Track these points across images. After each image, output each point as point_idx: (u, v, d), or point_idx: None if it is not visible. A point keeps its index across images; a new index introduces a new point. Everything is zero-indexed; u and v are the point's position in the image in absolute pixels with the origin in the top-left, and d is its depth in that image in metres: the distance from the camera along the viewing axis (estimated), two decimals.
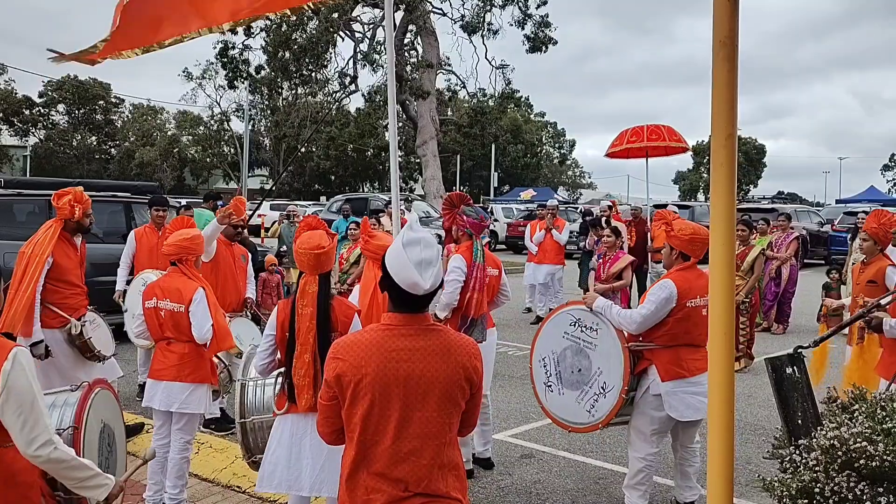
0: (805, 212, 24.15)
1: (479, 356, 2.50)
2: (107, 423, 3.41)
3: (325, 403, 2.49)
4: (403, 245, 2.38)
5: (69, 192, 5.13)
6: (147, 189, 10.44)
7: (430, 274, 2.35)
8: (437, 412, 2.38)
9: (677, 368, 4.17)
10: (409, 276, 2.33)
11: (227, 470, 5.17)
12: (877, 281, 5.39)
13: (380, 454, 2.37)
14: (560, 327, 4.60)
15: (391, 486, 2.36)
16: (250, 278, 6.74)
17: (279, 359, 3.79)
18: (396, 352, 2.35)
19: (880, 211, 5.72)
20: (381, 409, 2.35)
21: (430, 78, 25.89)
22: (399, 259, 2.36)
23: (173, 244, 4.56)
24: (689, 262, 4.32)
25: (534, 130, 61.55)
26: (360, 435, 2.38)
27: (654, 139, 10.96)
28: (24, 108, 50.71)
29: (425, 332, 2.40)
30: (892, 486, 2.21)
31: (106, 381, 3.60)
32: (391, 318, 2.42)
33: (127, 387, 7.17)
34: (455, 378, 2.39)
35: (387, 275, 2.40)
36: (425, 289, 2.35)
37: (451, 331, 2.51)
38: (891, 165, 74.86)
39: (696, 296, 4.19)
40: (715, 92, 2.13)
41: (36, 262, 4.93)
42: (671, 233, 4.35)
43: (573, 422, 4.51)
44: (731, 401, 2.20)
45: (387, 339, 2.37)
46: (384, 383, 2.34)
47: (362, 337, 2.42)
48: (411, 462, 2.36)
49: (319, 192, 51.75)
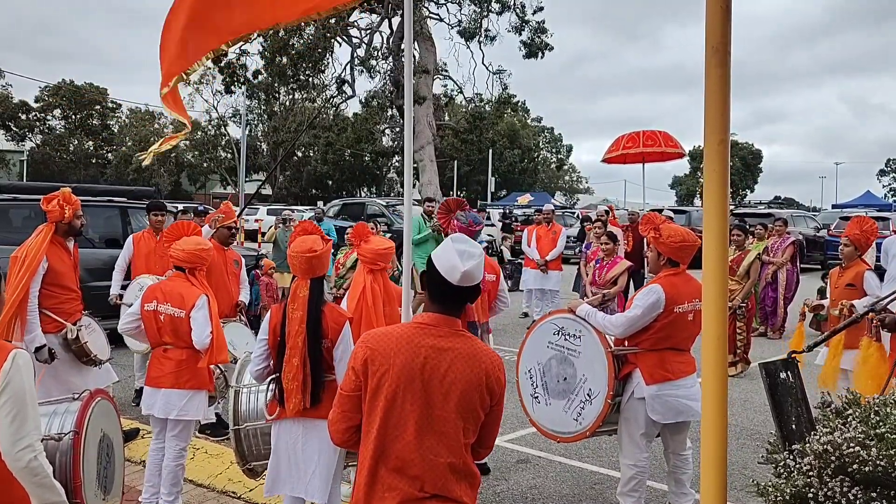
0: (801, 216, 24.21)
1: (502, 368, 2.55)
2: (106, 434, 3.42)
3: (347, 394, 2.51)
4: (452, 241, 2.52)
5: (57, 194, 5.10)
6: (144, 194, 10.44)
7: (469, 262, 2.44)
8: (456, 414, 2.42)
9: (662, 371, 4.17)
10: (449, 258, 2.44)
11: (222, 475, 5.15)
12: (855, 284, 5.55)
13: (399, 449, 2.40)
14: (544, 337, 4.58)
15: (408, 483, 2.39)
16: (244, 283, 6.75)
17: (272, 364, 3.79)
18: (424, 348, 2.42)
19: (862, 218, 5.91)
20: (403, 403, 2.40)
21: (427, 83, 25.91)
22: (444, 248, 2.50)
23: (189, 252, 4.53)
24: (678, 268, 4.30)
25: (530, 135, 61.62)
26: (379, 428, 2.41)
27: (651, 145, 10.99)
28: (20, 113, 50.62)
29: (455, 336, 2.47)
30: (885, 491, 2.21)
31: (106, 392, 3.62)
32: (425, 318, 2.50)
33: (123, 392, 7.16)
34: (477, 384, 2.44)
35: (430, 266, 2.49)
36: (462, 271, 2.42)
37: (479, 341, 2.55)
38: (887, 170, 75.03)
39: (683, 302, 4.17)
40: (708, 97, 2.14)
41: (27, 266, 4.91)
42: (659, 238, 4.30)
43: (561, 431, 4.48)
44: (724, 406, 2.20)
45: (417, 335, 2.44)
46: (409, 377, 2.39)
47: (394, 330, 2.49)
48: (429, 461, 2.39)
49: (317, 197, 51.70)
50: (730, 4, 2.12)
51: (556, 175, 70.34)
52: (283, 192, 52.65)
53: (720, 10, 2.11)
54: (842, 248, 5.77)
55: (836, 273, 5.86)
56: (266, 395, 3.87)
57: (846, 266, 5.70)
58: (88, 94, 51.74)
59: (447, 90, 31.54)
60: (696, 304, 4.18)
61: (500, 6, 25.93)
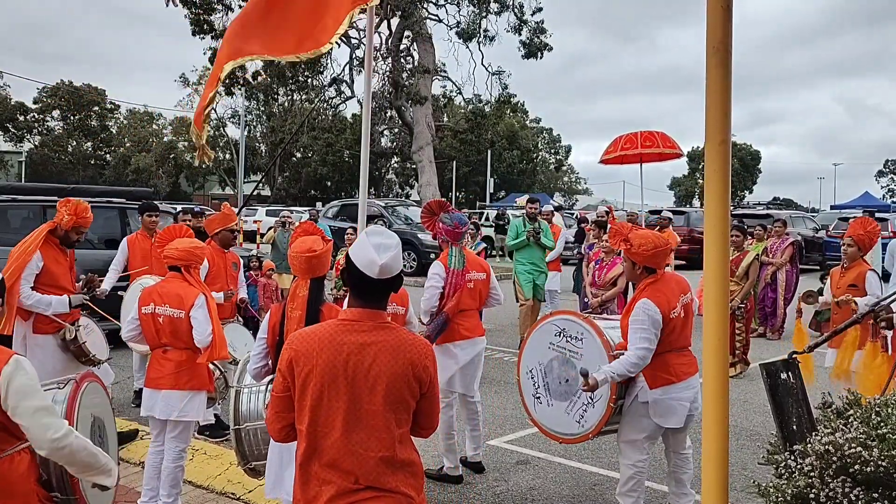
0: (800, 217, 24.22)
1: (430, 356, 2.55)
2: (97, 416, 3.41)
3: (278, 395, 2.54)
4: (367, 234, 2.54)
5: (73, 203, 5.16)
6: (142, 195, 10.43)
7: (386, 254, 2.46)
8: (384, 407, 2.43)
9: (665, 375, 4.14)
10: (366, 254, 2.46)
11: (221, 476, 5.14)
12: (857, 284, 5.56)
13: (329, 446, 2.43)
14: (545, 338, 4.56)
15: (341, 477, 2.41)
16: (242, 285, 6.76)
17: (271, 363, 3.79)
18: (347, 345, 2.44)
19: (866, 219, 5.89)
20: (329, 401, 2.42)
21: (426, 84, 25.91)
22: (360, 243, 2.52)
23: (182, 250, 4.52)
24: (656, 274, 4.20)
25: (529, 136, 61.61)
26: (309, 426, 2.44)
27: (648, 146, 11.00)
28: (18, 114, 50.59)
29: (378, 329, 2.48)
30: (886, 491, 2.20)
31: (92, 373, 3.59)
32: (347, 314, 2.51)
33: (122, 392, 7.15)
34: (403, 374, 2.45)
35: (349, 263, 2.51)
36: (380, 265, 2.44)
37: (405, 330, 2.57)
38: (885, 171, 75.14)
39: (674, 305, 4.12)
40: (709, 97, 2.14)
41: (16, 258, 4.95)
42: (631, 249, 4.16)
43: (563, 433, 4.47)
44: (726, 406, 2.20)
45: (339, 332, 2.46)
46: (333, 375, 2.41)
47: (317, 330, 2.51)
48: (359, 455, 2.41)
49: (315, 198, 51.69)
50: (730, 4, 2.12)
51: (554, 176, 70.32)
52: (281, 193, 52.62)
53: (721, 9, 2.11)
54: (845, 249, 5.77)
55: (838, 273, 5.85)
56: (266, 396, 3.87)
57: (848, 266, 5.69)
58: (87, 94, 51.69)
59: (446, 91, 31.59)
60: (682, 300, 4.16)
61: (498, 6, 25.92)
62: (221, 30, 23.98)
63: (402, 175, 55.87)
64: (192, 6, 23.15)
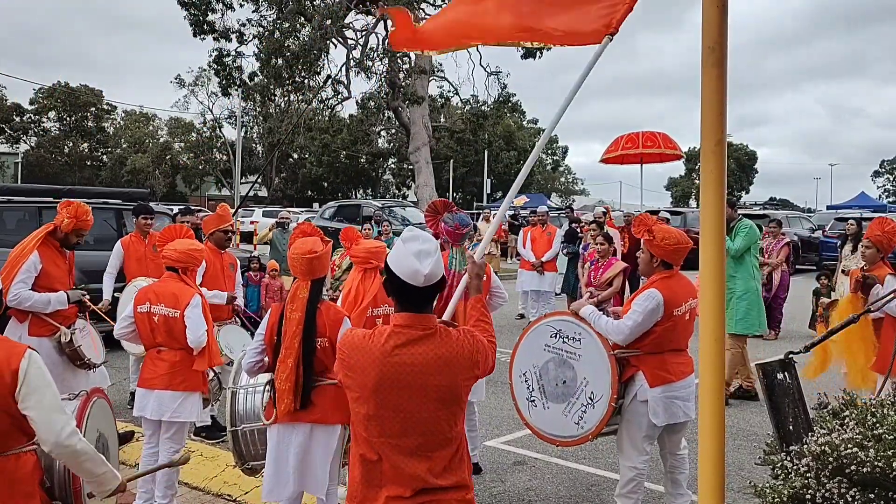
0: (796, 218, 24.25)
1: (480, 348, 2.53)
2: (102, 433, 3.41)
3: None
4: (403, 241, 2.48)
5: (74, 205, 5.13)
6: (138, 196, 10.41)
7: (428, 262, 2.42)
8: (437, 412, 2.44)
9: (664, 374, 4.15)
10: (408, 264, 2.42)
11: (217, 478, 5.13)
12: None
13: (389, 453, 2.44)
14: (540, 340, 4.49)
15: (400, 481, 2.42)
16: (238, 287, 6.72)
17: (267, 361, 3.79)
18: (397, 358, 2.41)
19: (884, 219, 5.71)
20: (384, 411, 2.42)
21: (423, 84, 25.91)
22: (399, 252, 2.46)
23: (181, 251, 4.52)
24: (672, 270, 4.26)
25: (526, 137, 61.63)
26: (367, 433, 2.46)
27: (650, 146, 11.01)
28: (14, 115, 50.48)
29: (428, 338, 2.45)
30: (882, 492, 2.20)
31: (102, 390, 3.61)
32: (397, 319, 2.48)
33: (118, 395, 7.13)
34: (455, 375, 2.45)
35: (389, 273, 2.47)
36: (424, 274, 2.41)
37: (454, 334, 2.52)
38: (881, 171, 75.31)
39: (680, 304, 4.14)
40: (704, 97, 2.14)
41: (16, 257, 4.95)
42: (653, 241, 4.22)
43: (561, 436, 4.40)
44: (722, 406, 2.20)
45: (389, 343, 2.43)
46: (388, 384, 2.41)
47: (367, 343, 2.46)
48: (418, 457, 2.42)
49: (312, 199, 51.67)
50: (726, 4, 2.12)
51: (551, 177, 70.35)
52: (278, 194, 52.57)
53: (716, 9, 2.11)
54: (863, 252, 5.61)
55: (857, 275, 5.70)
56: (262, 396, 3.87)
57: (868, 269, 5.51)
58: (83, 96, 51.60)
59: (443, 91, 31.57)
60: (690, 303, 4.18)
61: None
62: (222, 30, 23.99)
63: (399, 176, 55.80)
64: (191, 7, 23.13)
